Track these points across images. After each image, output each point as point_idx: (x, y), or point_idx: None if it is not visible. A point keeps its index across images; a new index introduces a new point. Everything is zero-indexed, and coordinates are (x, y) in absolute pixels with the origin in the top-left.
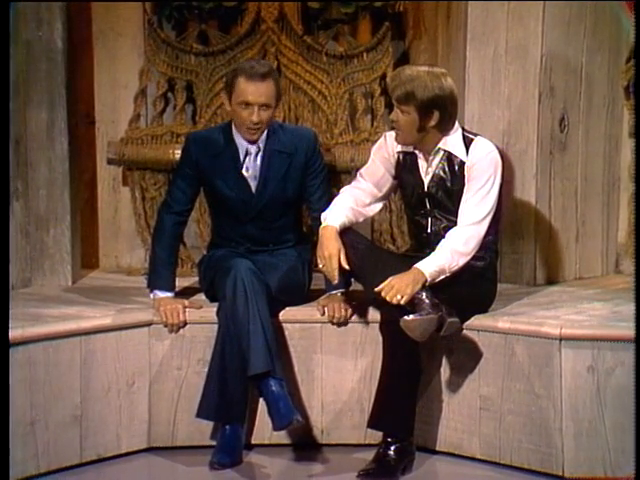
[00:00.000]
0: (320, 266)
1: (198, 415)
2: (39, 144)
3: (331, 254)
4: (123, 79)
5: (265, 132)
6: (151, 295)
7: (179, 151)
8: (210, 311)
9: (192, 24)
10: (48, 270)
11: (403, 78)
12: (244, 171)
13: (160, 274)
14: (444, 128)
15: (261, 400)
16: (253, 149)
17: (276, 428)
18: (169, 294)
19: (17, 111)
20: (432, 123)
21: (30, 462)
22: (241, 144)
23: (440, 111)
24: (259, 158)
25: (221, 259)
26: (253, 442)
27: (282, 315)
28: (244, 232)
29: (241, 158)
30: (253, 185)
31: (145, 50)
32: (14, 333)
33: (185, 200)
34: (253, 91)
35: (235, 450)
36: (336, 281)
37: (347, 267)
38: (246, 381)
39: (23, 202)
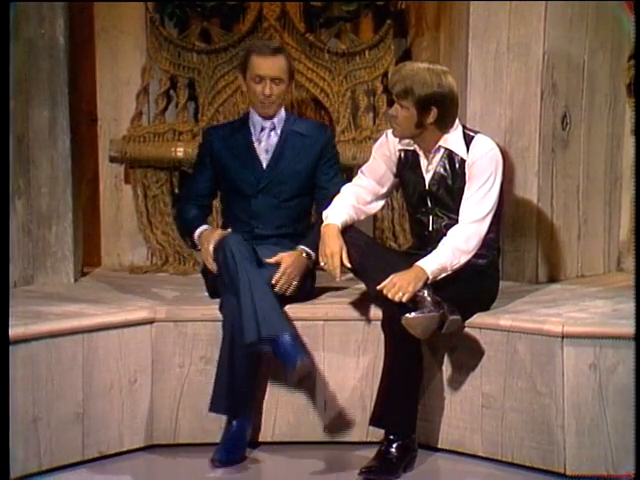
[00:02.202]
0: (322, 264)
1: (211, 410)
2: (41, 142)
3: (333, 252)
4: (125, 77)
5: (283, 115)
6: (197, 242)
7: (181, 149)
8: (212, 309)
9: (194, 22)
10: (50, 268)
11: (403, 73)
12: (256, 144)
13: (192, 222)
14: (443, 126)
15: (263, 398)
16: (268, 124)
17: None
18: (205, 227)
19: (19, 109)
20: (430, 120)
21: (32, 459)
22: (257, 121)
23: (438, 108)
24: (273, 134)
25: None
26: (255, 440)
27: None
28: (251, 209)
29: (255, 133)
30: (264, 159)
31: (147, 48)
32: (16, 331)
33: (203, 189)
34: (264, 65)
35: (238, 448)
36: (338, 279)
37: (349, 265)
38: (254, 375)
39: (25, 200)
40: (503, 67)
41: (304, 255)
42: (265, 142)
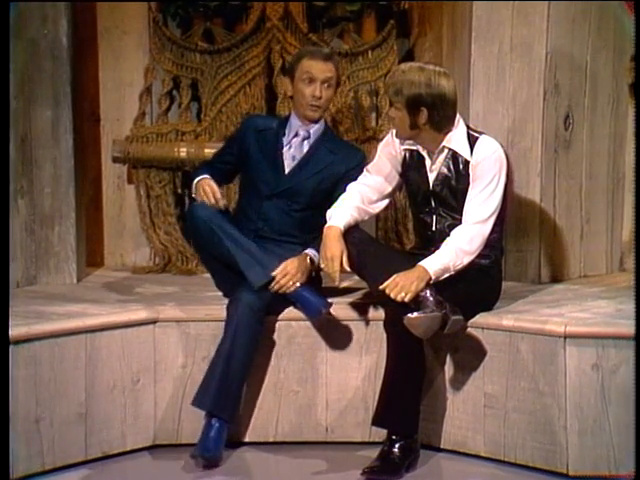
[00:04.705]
0: (322, 266)
1: (194, 404)
2: (44, 142)
3: (333, 256)
4: (128, 77)
5: (322, 127)
6: (193, 192)
7: (184, 149)
8: (215, 309)
9: (197, 22)
10: (53, 268)
11: (396, 75)
12: (285, 148)
13: (197, 173)
14: (438, 127)
15: (262, 397)
16: (302, 132)
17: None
18: (206, 175)
19: (22, 109)
20: (422, 121)
21: (35, 459)
22: (294, 125)
23: (428, 109)
24: (306, 144)
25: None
26: (257, 440)
27: (287, 313)
28: (261, 210)
29: (289, 136)
30: (288, 165)
31: (150, 48)
32: (19, 331)
33: (216, 165)
34: (317, 67)
35: (217, 447)
36: (337, 282)
37: (349, 269)
38: (246, 378)
39: (28, 200)
40: (506, 67)
41: (307, 260)
42: (294, 149)
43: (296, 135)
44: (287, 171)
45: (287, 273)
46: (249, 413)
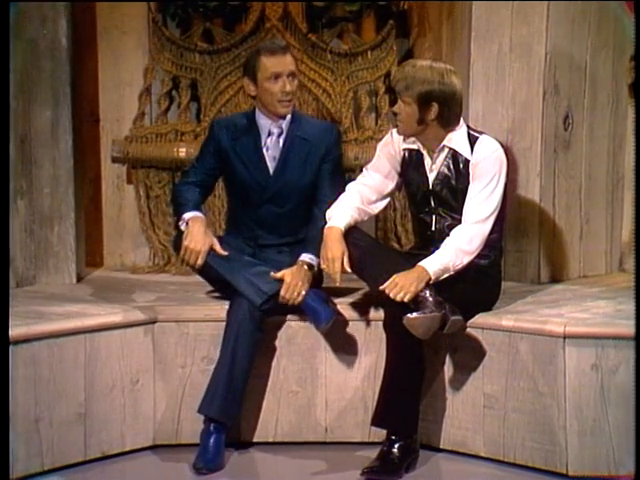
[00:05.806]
0: (323, 267)
1: (201, 411)
2: (43, 142)
3: (335, 257)
4: (127, 77)
5: (289, 116)
6: (181, 226)
7: (183, 149)
8: (215, 309)
9: (197, 22)
10: (52, 268)
11: (406, 70)
12: (264, 150)
13: (186, 201)
14: (445, 124)
15: (262, 397)
16: (275, 130)
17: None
18: (197, 213)
19: (21, 109)
20: (432, 116)
21: (34, 460)
22: (264, 125)
23: (439, 105)
24: (281, 140)
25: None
26: (257, 440)
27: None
28: (257, 217)
29: (263, 138)
30: (271, 166)
31: (150, 48)
32: (18, 331)
33: (202, 173)
34: (279, 62)
35: (220, 453)
36: (338, 283)
37: (350, 270)
38: (247, 382)
39: (27, 200)
40: (505, 67)
41: (305, 267)
42: (272, 149)
43: (269, 134)
44: (271, 173)
45: (290, 286)
46: (249, 413)
